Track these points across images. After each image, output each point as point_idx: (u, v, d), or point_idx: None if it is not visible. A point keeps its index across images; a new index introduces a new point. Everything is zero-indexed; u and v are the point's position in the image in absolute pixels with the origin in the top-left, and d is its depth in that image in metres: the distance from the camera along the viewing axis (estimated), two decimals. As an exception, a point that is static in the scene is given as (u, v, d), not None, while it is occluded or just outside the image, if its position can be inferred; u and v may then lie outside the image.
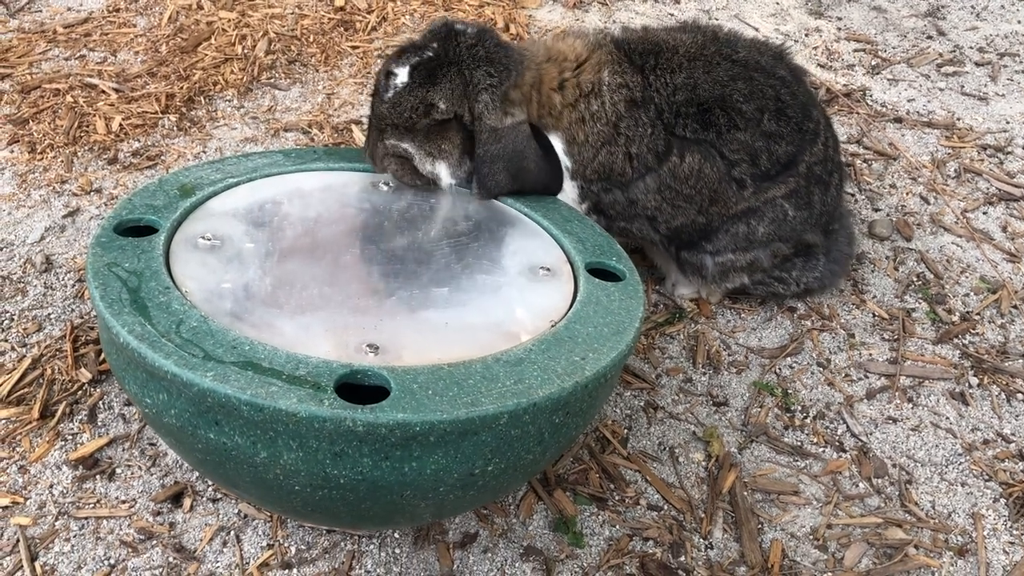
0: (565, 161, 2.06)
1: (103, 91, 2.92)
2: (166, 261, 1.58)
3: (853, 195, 2.82)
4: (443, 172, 1.96)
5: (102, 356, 2.05)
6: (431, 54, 1.92)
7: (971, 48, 3.69)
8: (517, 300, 1.66)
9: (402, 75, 1.91)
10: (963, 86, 3.43)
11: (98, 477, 1.84)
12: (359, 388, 1.37)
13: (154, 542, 1.74)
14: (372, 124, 1.99)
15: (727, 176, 2.10)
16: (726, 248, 2.21)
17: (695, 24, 2.27)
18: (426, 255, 1.76)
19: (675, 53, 2.10)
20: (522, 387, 1.39)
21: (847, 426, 2.10)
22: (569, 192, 2.10)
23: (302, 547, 1.75)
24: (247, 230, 1.72)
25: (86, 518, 1.77)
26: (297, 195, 1.87)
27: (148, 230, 1.65)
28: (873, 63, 3.52)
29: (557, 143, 2.05)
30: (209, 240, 1.66)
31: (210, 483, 1.83)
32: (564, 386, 1.41)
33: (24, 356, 2.06)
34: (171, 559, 1.71)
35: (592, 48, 2.11)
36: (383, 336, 1.49)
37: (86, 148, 2.70)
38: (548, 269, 1.76)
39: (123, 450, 1.90)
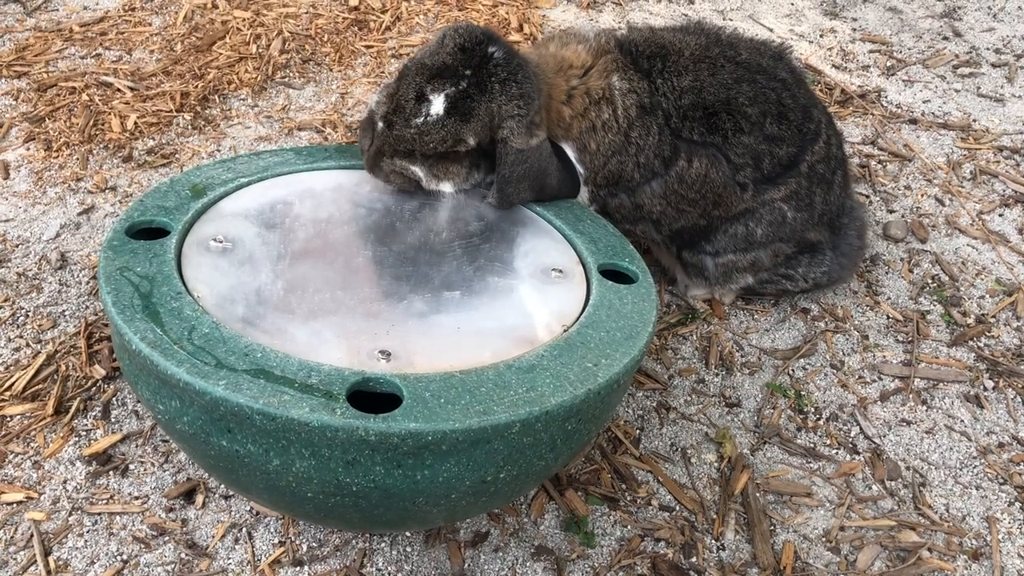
0: (579, 168, 2.05)
1: (118, 89, 2.94)
2: (178, 264, 1.58)
3: (868, 196, 2.80)
4: (447, 188, 1.93)
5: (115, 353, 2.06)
6: (465, 85, 1.82)
7: (987, 49, 3.66)
8: (529, 303, 1.66)
9: (437, 105, 1.81)
10: (979, 87, 3.40)
11: (111, 473, 1.85)
12: (372, 393, 1.37)
13: (166, 538, 1.74)
14: (386, 141, 1.87)
15: (732, 180, 2.10)
16: (726, 249, 2.21)
17: (698, 25, 2.25)
18: (438, 257, 1.75)
19: (681, 56, 2.09)
20: (534, 395, 1.38)
21: (860, 428, 2.09)
22: (581, 195, 2.10)
23: (313, 544, 1.75)
24: (258, 232, 1.72)
25: (99, 514, 1.78)
26: (308, 195, 1.86)
27: (160, 232, 1.65)
28: (888, 64, 3.50)
29: (569, 151, 2.04)
30: (221, 243, 1.66)
31: (222, 480, 1.84)
32: (576, 393, 1.40)
33: (39, 352, 2.07)
34: (183, 555, 1.72)
35: (596, 54, 2.08)
36: (395, 342, 1.49)
37: (101, 146, 2.72)
38: (560, 271, 1.75)
39: (136, 446, 1.91)
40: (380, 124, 1.87)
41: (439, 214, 1.90)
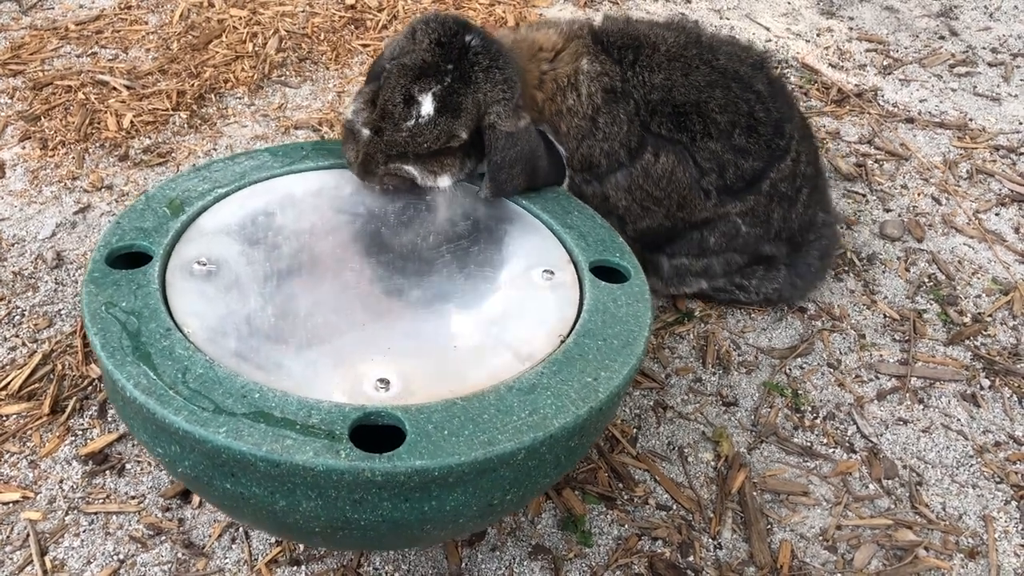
0: (560, 149, 2.05)
1: (114, 88, 2.93)
2: (163, 292, 1.52)
3: (864, 195, 2.81)
4: (444, 182, 1.89)
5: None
6: (450, 80, 1.80)
7: (984, 48, 3.67)
8: (523, 313, 1.62)
9: (427, 106, 1.79)
10: (976, 87, 3.41)
11: (108, 472, 1.85)
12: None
13: (163, 538, 1.74)
14: (377, 147, 1.83)
15: (697, 184, 2.10)
16: (680, 252, 2.22)
17: (680, 23, 2.23)
18: (426, 265, 1.71)
19: (655, 51, 2.07)
20: (537, 419, 1.36)
21: (857, 427, 2.09)
22: (566, 181, 2.09)
23: (310, 544, 1.75)
24: (242, 250, 1.66)
25: (96, 513, 1.78)
26: (289, 203, 1.80)
27: (141, 257, 1.59)
28: (885, 63, 3.51)
29: (548, 133, 2.03)
30: (204, 265, 1.60)
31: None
32: (579, 413, 1.39)
33: (35, 352, 2.07)
34: (180, 555, 1.72)
35: (568, 38, 2.07)
36: (392, 368, 1.45)
37: (97, 145, 2.71)
38: (551, 272, 1.71)
39: (133, 446, 1.90)
40: (366, 132, 1.83)
41: (424, 215, 1.86)
